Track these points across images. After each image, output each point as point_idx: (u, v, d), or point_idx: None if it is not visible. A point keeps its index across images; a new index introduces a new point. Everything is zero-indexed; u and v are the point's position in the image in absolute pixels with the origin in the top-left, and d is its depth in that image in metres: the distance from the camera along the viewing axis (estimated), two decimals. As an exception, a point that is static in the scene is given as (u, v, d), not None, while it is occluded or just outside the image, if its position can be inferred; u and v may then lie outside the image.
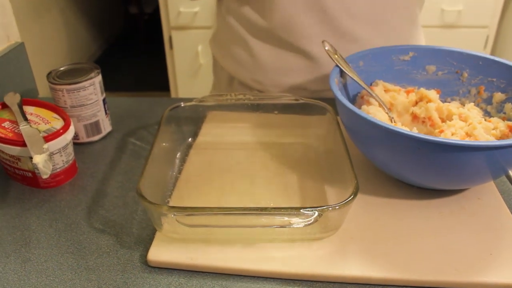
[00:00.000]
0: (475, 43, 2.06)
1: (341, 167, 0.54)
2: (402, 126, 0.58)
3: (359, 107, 0.60)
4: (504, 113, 0.61)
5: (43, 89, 0.84)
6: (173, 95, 2.35)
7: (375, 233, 0.51)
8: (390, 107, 0.62)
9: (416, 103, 0.63)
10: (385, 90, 0.64)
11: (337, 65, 0.61)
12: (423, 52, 0.66)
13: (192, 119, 0.68)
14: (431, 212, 0.54)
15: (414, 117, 0.61)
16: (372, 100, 0.61)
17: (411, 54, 0.66)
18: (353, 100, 0.65)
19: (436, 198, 0.56)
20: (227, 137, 0.67)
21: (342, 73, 0.62)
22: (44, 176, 0.51)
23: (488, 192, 0.56)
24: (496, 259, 0.47)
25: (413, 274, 0.46)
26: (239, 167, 0.62)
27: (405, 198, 0.56)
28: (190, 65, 2.20)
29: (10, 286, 0.47)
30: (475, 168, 0.48)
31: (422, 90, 0.63)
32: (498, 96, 0.61)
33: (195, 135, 0.68)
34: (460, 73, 0.65)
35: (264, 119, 0.68)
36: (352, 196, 0.46)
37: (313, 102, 0.64)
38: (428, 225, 0.52)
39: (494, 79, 0.62)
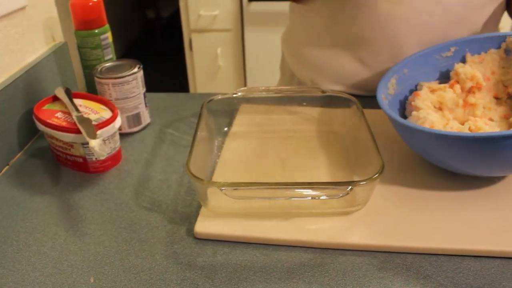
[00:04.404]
0: None
1: (367, 151, 0.59)
2: (455, 120, 0.63)
3: (409, 114, 0.65)
4: None
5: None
6: (192, 96, 2.41)
7: (399, 209, 0.56)
8: (440, 106, 0.66)
9: (468, 93, 0.67)
10: (431, 91, 0.68)
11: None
12: (464, 44, 0.69)
13: (226, 111, 0.74)
14: (450, 192, 0.59)
15: (465, 105, 0.65)
16: (420, 104, 0.65)
17: (452, 49, 0.69)
18: (403, 107, 0.69)
19: (454, 180, 0.60)
20: (259, 127, 0.73)
21: (387, 84, 0.67)
22: (101, 158, 0.57)
23: (503, 176, 0.61)
24: (509, 231, 0.52)
25: (433, 243, 0.51)
26: (271, 153, 0.67)
27: (427, 180, 0.61)
28: (209, 67, 2.26)
29: (72, 255, 0.53)
30: None
31: (460, 72, 0.66)
32: None
33: (229, 125, 0.74)
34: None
35: (293, 110, 0.74)
36: (378, 173, 0.51)
37: (339, 94, 0.70)
38: (447, 203, 0.57)
39: None
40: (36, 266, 0.51)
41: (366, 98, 0.79)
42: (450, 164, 0.58)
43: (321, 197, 0.52)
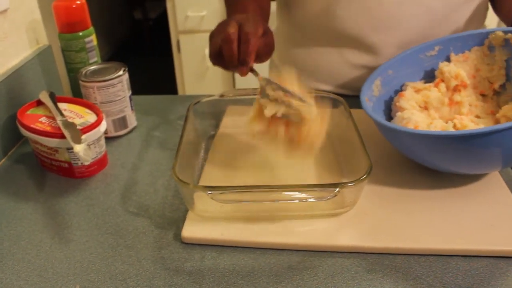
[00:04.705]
0: None
1: (355, 151, 0.58)
2: (441, 119, 0.63)
3: (395, 115, 0.65)
4: None
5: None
6: (181, 97, 2.40)
7: (387, 210, 0.55)
8: (425, 105, 0.66)
9: (454, 91, 0.67)
10: (415, 91, 0.68)
11: None
12: (448, 42, 0.69)
13: (213, 113, 0.74)
14: (438, 191, 0.59)
15: (451, 104, 0.66)
16: (404, 104, 0.65)
17: (436, 48, 0.69)
18: (389, 108, 0.69)
19: (442, 179, 0.60)
20: (246, 128, 0.72)
21: (372, 86, 0.67)
22: (86, 163, 0.56)
23: (489, 173, 0.61)
24: (496, 230, 0.52)
25: (422, 243, 0.51)
26: (259, 155, 0.67)
27: (414, 180, 0.61)
28: (198, 68, 2.25)
29: (58, 263, 0.52)
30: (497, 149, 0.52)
31: (444, 71, 0.66)
32: None
33: (216, 127, 0.73)
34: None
35: (280, 111, 0.73)
36: (366, 174, 0.51)
37: (327, 95, 0.69)
38: (435, 203, 0.57)
39: None
40: (20, 275, 0.50)
41: (354, 97, 0.79)
42: (432, 162, 0.58)
43: (309, 200, 0.51)
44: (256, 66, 0.60)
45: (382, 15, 0.70)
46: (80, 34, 0.76)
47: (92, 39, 0.78)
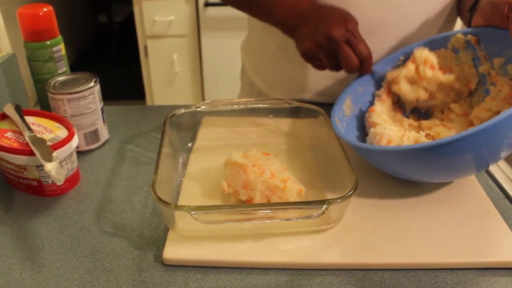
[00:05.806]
0: None
1: (338, 165, 0.57)
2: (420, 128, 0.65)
3: (369, 131, 0.65)
4: (510, 74, 0.63)
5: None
6: (148, 103, 2.35)
7: (372, 224, 0.55)
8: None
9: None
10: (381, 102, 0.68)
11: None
12: (411, 51, 0.68)
13: (189, 124, 0.71)
14: (422, 203, 0.58)
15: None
16: (377, 119, 0.65)
17: (402, 58, 0.69)
18: (364, 125, 0.69)
19: (425, 191, 0.60)
20: (224, 141, 0.70)
21: (343, 106, 0.67)
22: (59, 183, 0.53)
23: (469, 183, 0.62)
24: (481, 241, 0.52)
25: (410, 258, 0.50)
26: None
27: (397, 192, 0.60)
28: (166, 74, 2.21)
29: (30, 290, 0.49)
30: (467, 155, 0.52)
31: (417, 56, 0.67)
32: (497, 60, 0.64)
33: (193, 139, 0.71)
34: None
35: (258, 123, 0.72)
36: (353, 190, 0.50)
37: (306, 105, 0.68)
38: (420, 215, 0.56)
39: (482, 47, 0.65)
40: (-11, 306, 0.47)
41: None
42: (407, 175, 0.59)
43: (296, 218, 0.50)
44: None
45: (363, 21, 0.70)
46: (48, 43, 0.72)
47: (61, 48, 0.74)
